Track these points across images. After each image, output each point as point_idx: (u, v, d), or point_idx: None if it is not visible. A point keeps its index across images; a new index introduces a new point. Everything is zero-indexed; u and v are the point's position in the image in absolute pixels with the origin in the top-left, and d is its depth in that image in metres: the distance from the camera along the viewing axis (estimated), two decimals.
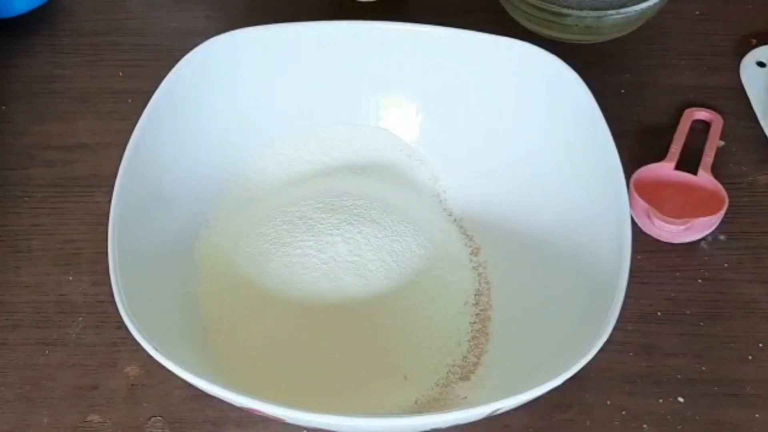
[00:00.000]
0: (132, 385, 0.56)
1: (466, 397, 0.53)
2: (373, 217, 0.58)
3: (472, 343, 0.56)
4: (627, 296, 0.49)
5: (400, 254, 0.57)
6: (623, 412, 0.55)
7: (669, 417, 0.55)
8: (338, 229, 0.57)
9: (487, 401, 0.46)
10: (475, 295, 0.58)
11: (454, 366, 0.55)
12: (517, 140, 0.61)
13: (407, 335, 0.55)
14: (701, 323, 0.59)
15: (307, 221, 0.58)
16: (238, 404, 0.46)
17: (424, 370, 0.54)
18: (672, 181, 0.64)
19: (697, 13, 0.76)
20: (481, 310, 0.57)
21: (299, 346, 0.54)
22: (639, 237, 0.60)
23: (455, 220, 0.62)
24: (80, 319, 0.58)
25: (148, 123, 0.57)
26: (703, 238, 0.62)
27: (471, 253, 0.60)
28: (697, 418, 0.55)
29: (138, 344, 0.47)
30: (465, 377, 0.54)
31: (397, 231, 0.57)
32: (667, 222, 0.61)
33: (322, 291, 0.55)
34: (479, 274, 0.59)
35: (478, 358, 0.55)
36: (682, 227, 0.61)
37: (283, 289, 0.56)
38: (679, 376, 0.56)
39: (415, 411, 0.53)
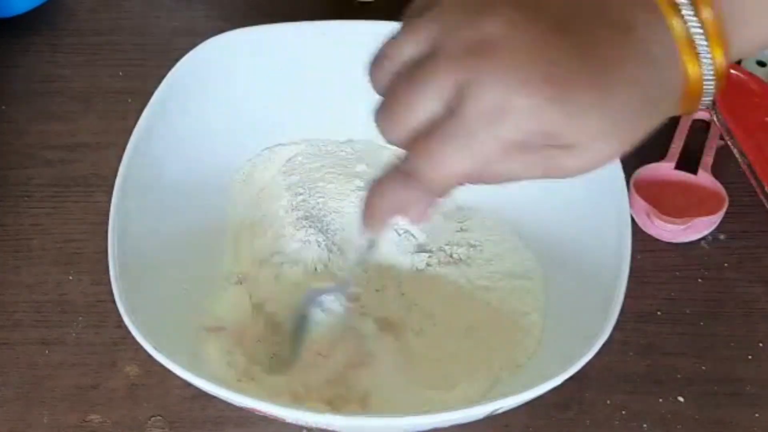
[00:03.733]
0: (132, 384, 0.56)
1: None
2: None
3: None
4: (627, 296, 0.49)
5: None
6: (623, 412, 0.55)
7: (669, 416, 0.55)
8: (342, 230, 0.58)
9: (487, 401, 0.46)
10: None
11: None
12: None
13: (412, 337, 0.55)
14: (701, 323, 0.59)
15: (311, 220, 0.58)
16: (238, 404, 0.46)
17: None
18: (672, 181, 0.64)
19: None
20: None
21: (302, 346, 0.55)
22: (639, 237, 0.60)
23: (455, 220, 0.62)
24: (80, 318, 0.58)
25: (148, 123, 0.57)
26: (703, 238, 0.62)
27: None
28: (697, 417, 0.55)
29: (138, 344, 0.47)
30: None
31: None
32: (667, 222, 0.61)
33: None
34: None
35: None
36: (682, 227, 0.61)
37: (284, 288, 0.56)
38: (679, 376, 0.56)
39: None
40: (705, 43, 0.38)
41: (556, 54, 0.36)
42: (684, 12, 0.37)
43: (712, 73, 0.38)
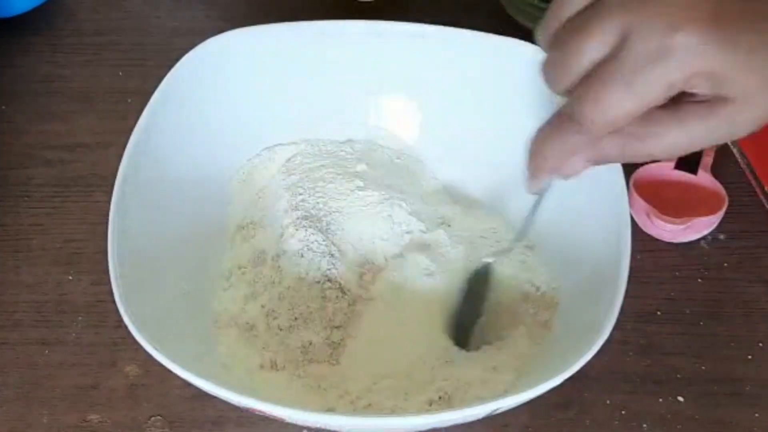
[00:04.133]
0: (131, 384, 0.56)
1: None
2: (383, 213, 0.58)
3: None
4: (627, 296, 0.49)
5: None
6: (623, 412, 0.55)
7: (669, 416, 0.55)
8: (342, 230, 0.58)
9: (487, 401, 0.46)
10: None
11: None
12: (518, 140, 0.61)
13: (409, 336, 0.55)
14: (701, 322, 0.59)
15: (311, 220, 0.58)
16: (238, 404, 0.46)
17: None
18: (672, 181, 0.64)
19: None
20: None
21: (303, 345, 0.55)
22: (639, 236, 0.60)
23: None
24: (80, 318, 0.59)
25: (148, 122, 0.57)
26: (703, 238, 0.62)
27: None
28: (696, 417, 0.55)
29: (138, 344, 0.47)
30: None
31: (407, 221, 0.58)
32: (667, 222, 0.61)
33: (326, 292, 0.56)
34: None
35: None
36: (681, 227, 0.61)
37: (284, 288, 0.56)
38: (678, 376, 0.56)
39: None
40: None
41: None
42: None
43: None
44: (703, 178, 0.64)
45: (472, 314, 0.55)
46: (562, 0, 0.40)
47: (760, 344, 0.58)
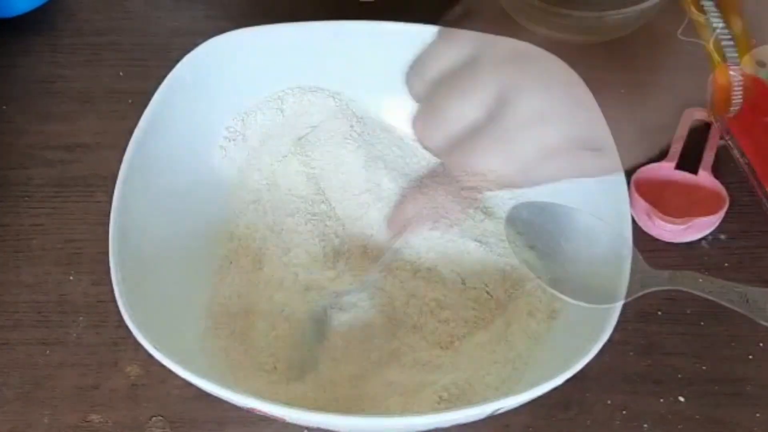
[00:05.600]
0: (132, 384, 0.56)
1: None
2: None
3: None
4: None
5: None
6: (624, 412, 0.55)
7: (669, 416, 0.55)
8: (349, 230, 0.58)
9: (488, 401, 0.46)
10: None
11: None
12: None
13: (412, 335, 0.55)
14: (701, 322, 0.59)
15: (310, 219, 0.58)
16: (238, 404, 0.46)
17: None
18: (672, 181, 0.64)
19: None
20: None
21: (304, 346, 0.55)
22: (639, 237, 0.60)
23: None
24: (81, 318, 0.59)
25: (149, 123, 0.57)
26: (704, 238, 0.62)
27: None
28: (697, 417, 0.55)
29: (138, 344, 0.47)
30: None
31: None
32: (667, 222, 0.61)
33: (332, 298, 0.56)
34: None
35: None
36: (682, 227, 0.61)
37: (287, 288, 0.56)
38: (679, 376, 0.56)
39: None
40: (735, 55, 0.38)
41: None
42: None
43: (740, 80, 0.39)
44: (704, 178, 0.64)
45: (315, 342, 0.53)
46: (435, 50, 0.40)
47: (761, 344, 0.58)
